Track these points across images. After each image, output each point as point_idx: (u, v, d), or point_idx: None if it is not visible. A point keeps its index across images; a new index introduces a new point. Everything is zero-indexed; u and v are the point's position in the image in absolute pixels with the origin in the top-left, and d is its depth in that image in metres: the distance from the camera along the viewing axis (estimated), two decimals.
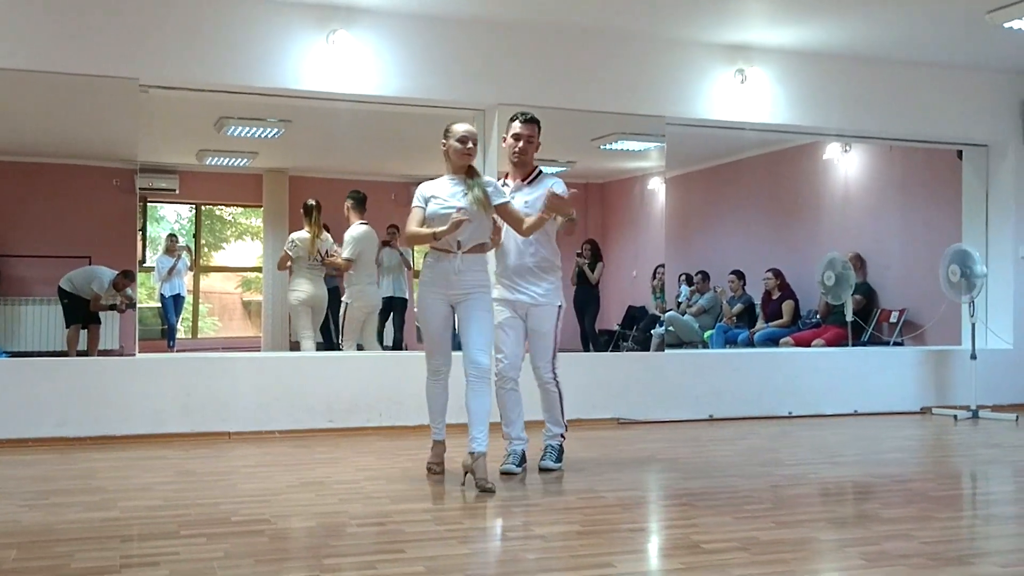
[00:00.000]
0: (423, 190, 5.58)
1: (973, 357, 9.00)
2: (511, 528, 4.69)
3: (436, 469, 5.76)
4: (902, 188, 11.40)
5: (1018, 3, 7.35)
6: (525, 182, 5.90)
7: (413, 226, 5.47)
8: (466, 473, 5.40)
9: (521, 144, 5.85)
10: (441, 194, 5.50)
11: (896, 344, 10.63)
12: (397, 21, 7.71)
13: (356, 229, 9.50)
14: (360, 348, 9.49)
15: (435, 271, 5.54)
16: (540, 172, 5.99)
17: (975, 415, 8.79)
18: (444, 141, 5.60)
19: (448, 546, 4.21)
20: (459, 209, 5.28)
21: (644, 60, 8.37)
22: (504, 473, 5.70)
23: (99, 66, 7.00)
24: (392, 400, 7.69)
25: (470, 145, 5.53)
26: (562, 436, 6.08)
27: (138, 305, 7.85)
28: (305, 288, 9.51)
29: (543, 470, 5.87)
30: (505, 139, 5.97)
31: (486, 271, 5.65)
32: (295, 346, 9.74)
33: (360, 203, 9.72)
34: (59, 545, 4.13)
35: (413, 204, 5.52)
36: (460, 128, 5.57)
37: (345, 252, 9.37)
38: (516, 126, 5.87)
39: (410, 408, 7.67)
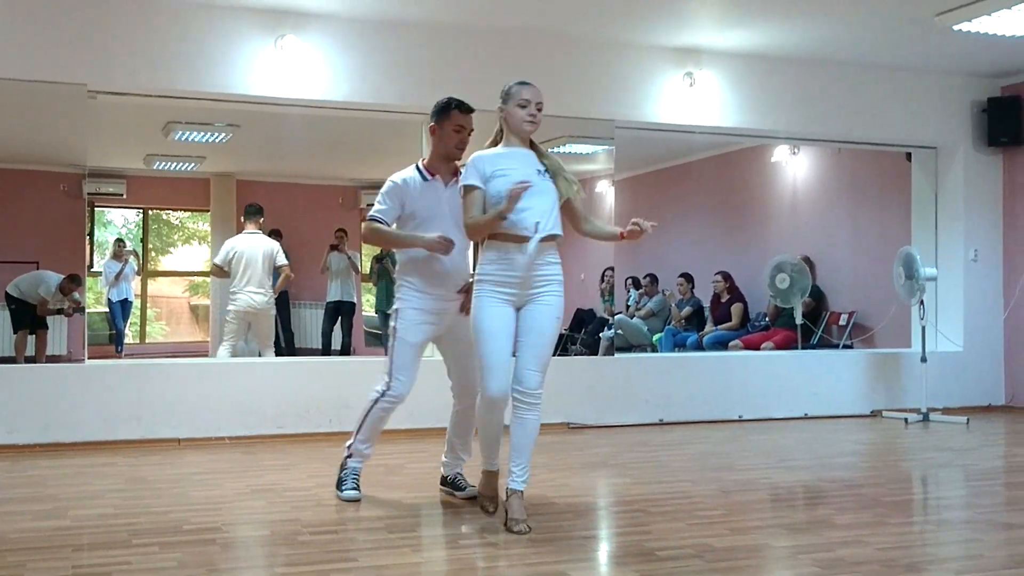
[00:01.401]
0: (479, 164, 4.70)
1: (923, 360, 9.02)
2: (464, 536, 4.71)
3: (489, 507, 4.96)
4: (851, 190, 11.50)
5: (967, 5, 7.40)
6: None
7: (474, 212, 4.64)
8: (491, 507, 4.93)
9: (463, 135, 5.19)
10: (508, 167, 4.66)
11: (846, 347, 10.73)
12: (346, 26, 7.73)
13: (232, 238, 9.75)
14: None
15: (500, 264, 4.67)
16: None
17: (926, 418, 8.80)
18: (503, 106, 4.84)
19: (401, 554, 4.24)
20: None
21: (593, 63, 8.42)
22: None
23: (47, 72, 6.97)
24: (342, 405, 7.66)
25: (534, 110, 4.82)
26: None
27: (86, 310, 7.81)
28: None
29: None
30: (436, 129, 5.23)
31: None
32: None
33: (250, 213, 9.83)
34: (10, 555, 4.11)
35: (467, 183, 4.67)
36: (525, 91, 4.85)
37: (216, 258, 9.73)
38: (459, 116, 5.17)
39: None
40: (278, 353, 10.09)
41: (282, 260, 9.68)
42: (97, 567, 3.96)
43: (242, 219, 10.02)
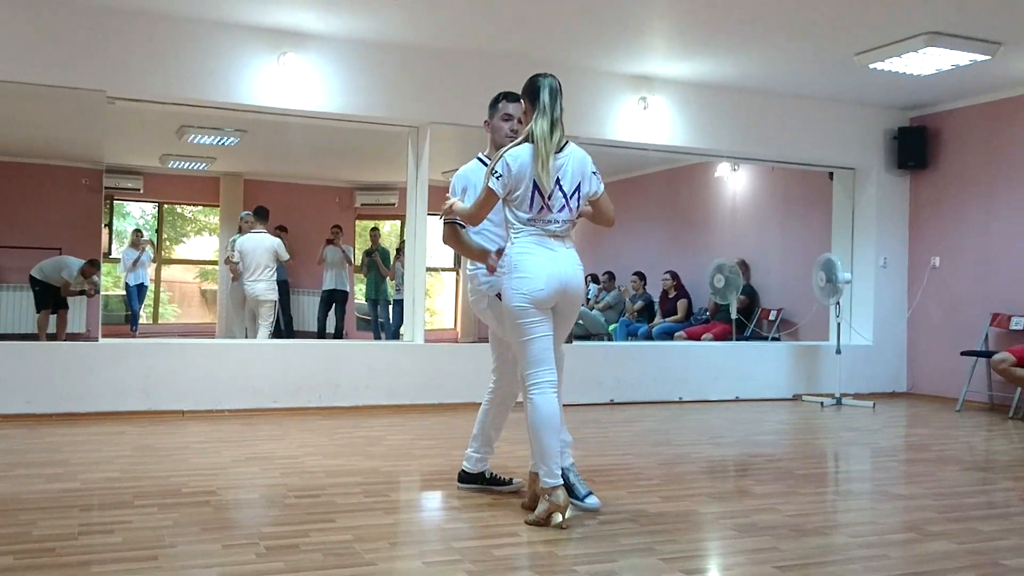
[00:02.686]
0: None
1: (838, 352, 9.16)
2: (431, 500, 4.69)
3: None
4: (781, 203, 11.55)
5: (881, 47, 7.54)
6: None
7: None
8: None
9: (511, 123, 4.53)
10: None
11: (773, 339, 10.75)
12: (341, 46, 7.65)
13: (241, 237, 10.01)
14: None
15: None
16: None
17: (839, 402, 8.93)
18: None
19: (374, 516, 4.19)
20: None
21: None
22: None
23: (70, 79, 6.86)
24: (331, 383, 7.64)
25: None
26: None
27: (105, 293, 7.72)
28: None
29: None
30: (489, 122, 4.60)
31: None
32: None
33: (257, 216, 10.08)
34: (23, 514, 4.04)
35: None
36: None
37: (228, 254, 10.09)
38: (506, 104, 4.57)
39: (347, 390, 7.67)
40: (278, 335, 10.11)
41: (284, 256, 9.89)
42: (101, 525, 3.89)
43: (243, 219, 10.29)
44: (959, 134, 9.59)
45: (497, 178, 4.10)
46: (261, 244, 9.72)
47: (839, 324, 9.37)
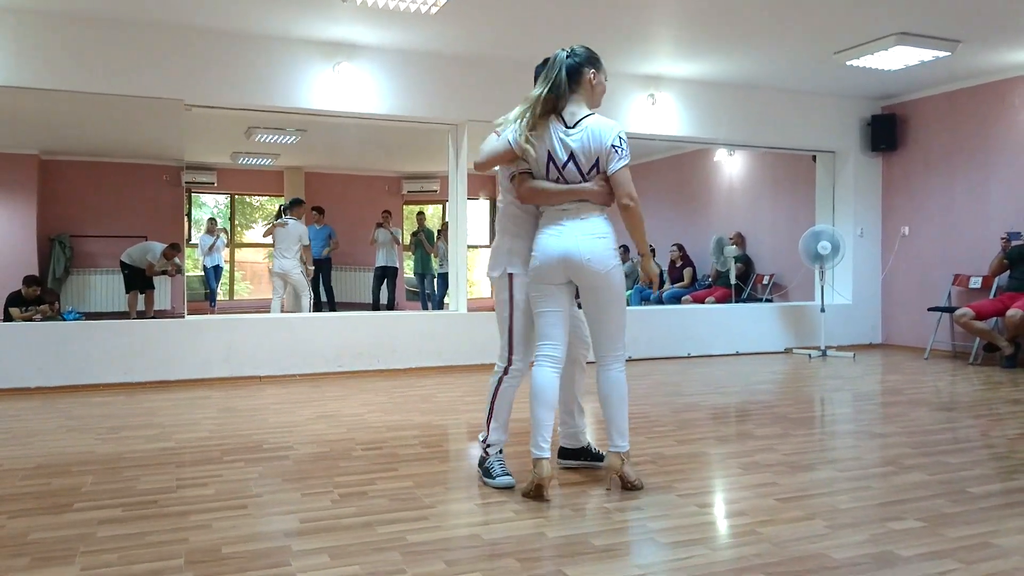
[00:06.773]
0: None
1: (822, 310, 9.12)
2: (478, 449, 4.61)
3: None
4: (771, 183, 11.44)
5: (857, 47, 7.50)
6: None
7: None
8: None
9: None
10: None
11: (767, 300, 10.68)
12: (389, 55, 7.56)
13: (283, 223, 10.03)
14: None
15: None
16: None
17: (824, 354, 8.86)
18: (597, 72, 3.73)
19: (431, 465, 4.15)
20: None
21: None
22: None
23: (153, 90, 6.80)
24: (388, 348, 7.62)
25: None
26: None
27: (186, 274, 7.71)
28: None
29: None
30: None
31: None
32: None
33: (291, 205, 10.06)
34: (127, 471, 4.02)
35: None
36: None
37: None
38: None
39: (402, 354, 7.64)
40: (318, 307, 10.12)
41: (305, 241, 9.86)
42: (196, 479, 3.87)
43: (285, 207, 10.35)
44: (924, 120, 9.47)
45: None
46: (291, 229, 9.79)
47: (823, 287, 9.31)
